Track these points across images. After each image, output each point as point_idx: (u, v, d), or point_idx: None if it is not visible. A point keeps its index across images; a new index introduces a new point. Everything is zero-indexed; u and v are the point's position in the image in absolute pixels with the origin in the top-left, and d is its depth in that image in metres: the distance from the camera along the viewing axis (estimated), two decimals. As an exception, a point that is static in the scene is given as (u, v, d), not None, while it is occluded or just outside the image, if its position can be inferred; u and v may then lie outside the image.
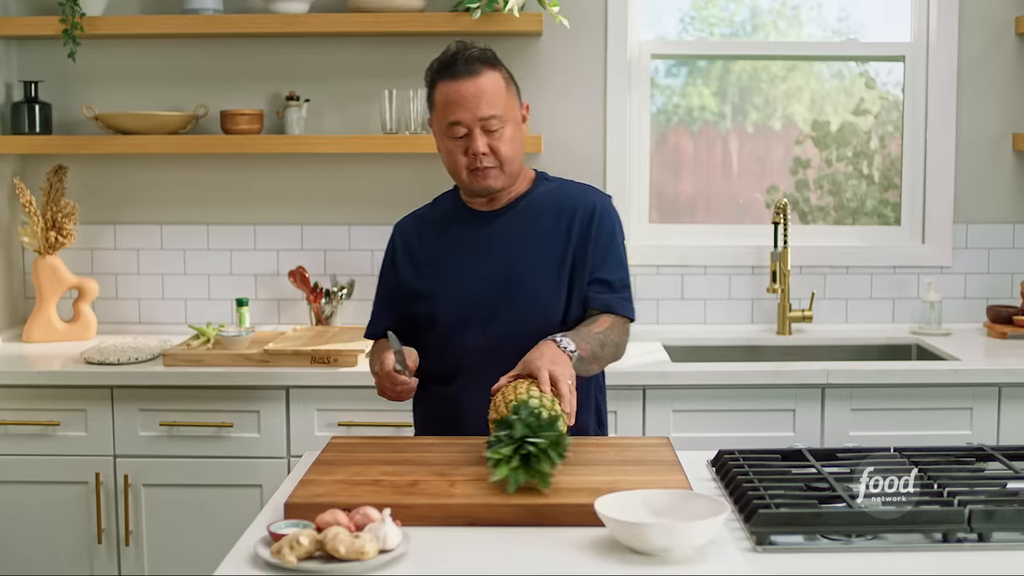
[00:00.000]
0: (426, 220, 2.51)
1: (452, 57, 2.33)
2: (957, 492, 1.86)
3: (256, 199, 3.69)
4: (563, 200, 2.43)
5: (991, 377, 3.11)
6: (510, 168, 2.36)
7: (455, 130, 2.32)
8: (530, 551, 1.73)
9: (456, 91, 2.30)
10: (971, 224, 3.71)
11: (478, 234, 2.41)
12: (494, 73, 2.33)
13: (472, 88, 2.29)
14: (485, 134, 2.31)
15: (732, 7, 3.81)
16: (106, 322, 3.69)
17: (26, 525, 3.15)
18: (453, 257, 2.42)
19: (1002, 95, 3.67)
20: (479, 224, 2.42)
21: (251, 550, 1.73)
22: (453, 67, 2.31)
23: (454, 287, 2.39)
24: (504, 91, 2.34)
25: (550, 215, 2.41)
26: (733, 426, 3.09)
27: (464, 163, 2.33)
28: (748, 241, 3.73)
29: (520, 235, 2.39)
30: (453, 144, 2.34)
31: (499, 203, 2.43)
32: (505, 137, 2.33)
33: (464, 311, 2.37)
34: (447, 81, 2.32)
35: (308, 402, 3.11)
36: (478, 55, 2.33)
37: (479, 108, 2.29)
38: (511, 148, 2.34)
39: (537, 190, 2.45)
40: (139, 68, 3.66)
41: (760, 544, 1.74)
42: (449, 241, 2.43)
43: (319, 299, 3.58)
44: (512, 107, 2.36)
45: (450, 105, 2.31)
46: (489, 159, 2.32)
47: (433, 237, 2.46)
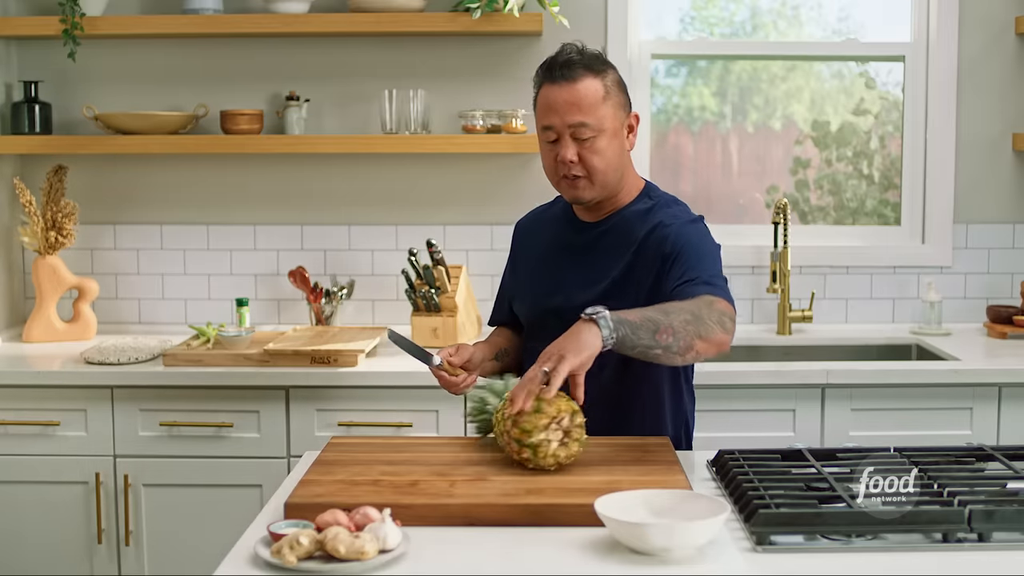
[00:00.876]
0: (539, 219, 2.55)
1: (554, 60, 2.28)
2: (957, 492, 1.86)
3: (256, 199, 3.69)
4: (651, 223, 2.31)
5: (991, 377, 3.11)
6: (602, 180, 2.28)
7: (547, 135, 2.28)
8: (530, 551, 1.73)
9: (551, 95, 2.25)
10: (971, 224, 3.71)
11: (567, 244, 2.41)
12: (594, 80, 2.25)
13: (566, 94, 2.24)
14: (575, 142, 2.25)
15: (732, 7, 3.81)
16: (106, 322, 3.69)
17: (26, 525, 3.15)
18: (543, 261, 2.43)
19: (1002, 95, 3.67)
20: (572, 233, 2.41)
21: (251, 550, 1.73)
22: (552, 70, 2.26)
23: (535, 291, 2.42)
24: (601, 99, 2.25)
25: (633, 240, 2.31)
26: (733, 426, 3.09)
27: (555, 169, 2.30)
28: (748, 241, 3.73)
29: (602, 251, 2.35)
30: (546, 148, 2.30)
31: (598, 214, 2.38)
32: (597, 147, 2.25)
33: (541, 318, 2.37)
34: (547, 84, 2.27)
35: (308, 402, 3.11)
36: (578, 60, 2.26)
37: (569, 114, 2.23)
38: (603, 160, 2.26)
39: (634, 206, 2.36)
40: (139, 68, 3.66)
41: (760, 544, 1.74)
42: (546, 245, 2.45)
43: (319, 299, 3.58)
44: (610, 117, 2.26)
45: (545, 109, 2.27)
46: (577, 168, 2.26)
47: (538, 236, 2.50)
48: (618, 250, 2.33)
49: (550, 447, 1.97)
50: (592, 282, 2.33)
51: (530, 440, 1.96)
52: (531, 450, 1.96)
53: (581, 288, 2.33)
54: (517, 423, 1.97)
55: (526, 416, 1.96)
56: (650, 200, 2.38)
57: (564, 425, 1.98)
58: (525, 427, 1.96)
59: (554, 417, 1.97)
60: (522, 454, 1.97)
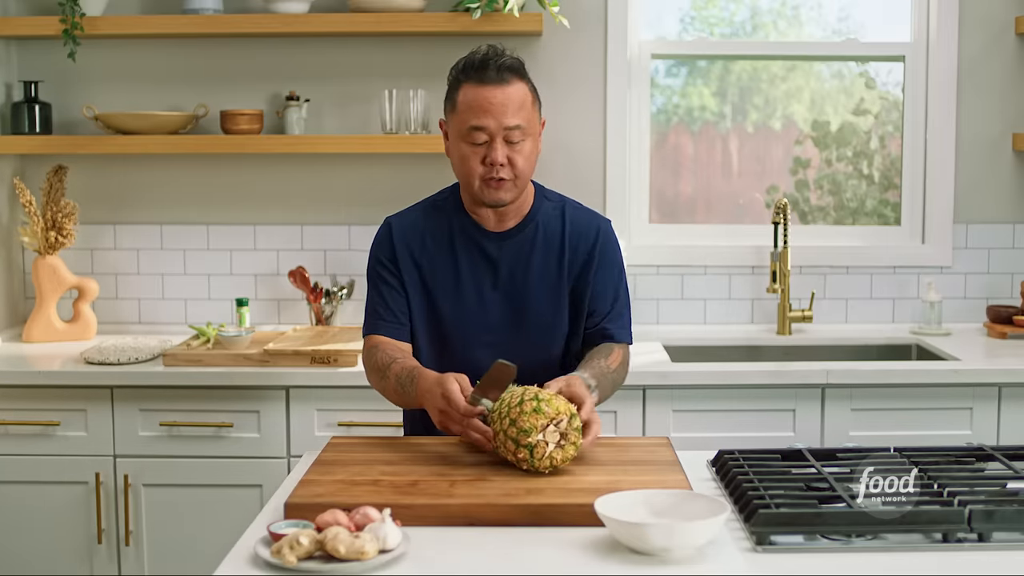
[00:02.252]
0: (426, 222, 2.42)
1: (483, 61, 2.26)
2: (957, 492, 1.86)
3: (256, 199, 3.69)
4: (569, 226, 2.39)
5: (991, 377, 3.11)
6: (523, 182, 2.31)
7: (476, 136, 2.26)
8: (530, 551, 1.73)
9: (484, 97, 2.24)
10: (971, 224, 3.71)
11: (486, 255, 2.38)
12: (522, 84, 2.28)
13: (501, 96, 2.24)
14: (506, 145, 2.26)
15: (732, 7, 3.81)
16: (106, 322, 3.69)
17: (26, 525, 3.15)
18: (459, 276, 2.38)
19: (1002, 95, 3.67)
20: (489, 247, 2.38)
21: (251, 550, 1.73)
22: (484, 71, 2.25)
23: (461, 308, 2.37)
24: (530, 104, 2.29)
25: (556, 242, 2.38)
26: (733, 426, 3.09)
27: (480, 172, 2.27)
28: (748, 241, 3.73)
29: (529, 261, 2.37)
30: (470, 150, 2.27)
31: (506, 222, 2.38)
32: (524, 150, 2.28)
33: (473, 333, 2.36)
34: (475, 84, 2.25)
35: (308, 402, 3.11)
36: (510, 64, 2.27)
37: (506, 117, 2.24)
38: (527, 162, 2.29)
39: (542, 209, 2.40)
40: (139, 68, 3.66)
41: (760, 544, 1.74)
42: (455, 257, 2.38)
43: (319, 299, 3.58)
44: (534, 121, 2.30)
45: (475, 110, 2.25)
46: (506, 171, 2.26)
47: (435, 245, 2.39)
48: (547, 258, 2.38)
49: (547, 449, 1.97)
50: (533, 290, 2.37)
51: (528, 440, 1.96)
52: (528, 451, 1.96)
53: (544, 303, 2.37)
54: (516, 423, 1.97)
55: (525, 416, 1.96)
56: (550, 200, 2.44)
57: (562, 428, 1.98)
58: (524, 427, 1.96)
59: (553, 418, 1.98)
60: (519, 454, 1.97)
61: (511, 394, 2.03)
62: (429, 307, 2.39)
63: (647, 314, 3.67)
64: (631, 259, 3.63)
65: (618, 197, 3.65)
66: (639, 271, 3.66)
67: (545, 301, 2.37)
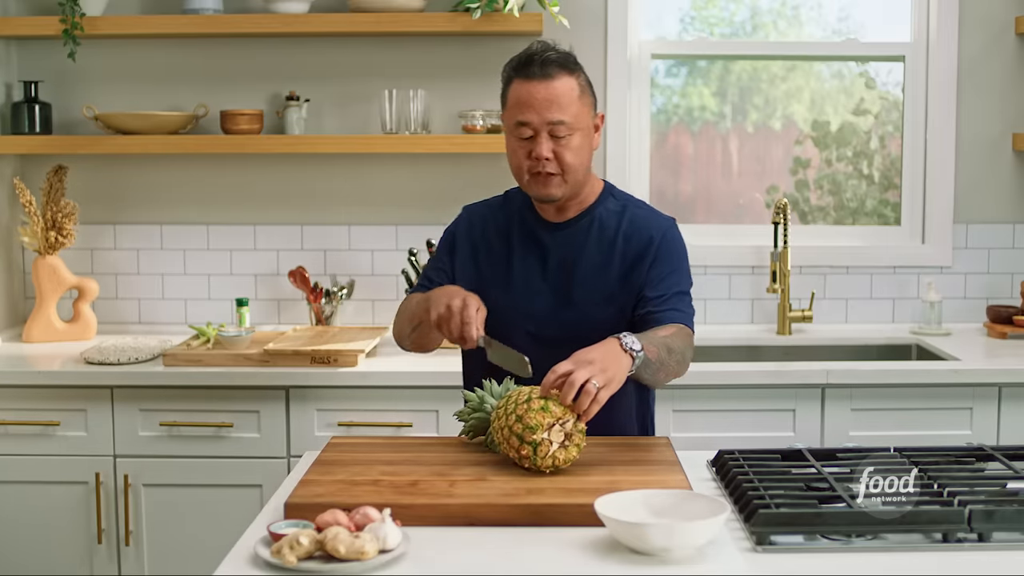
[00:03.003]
0: (493, 213, 2.46)
1: (529, 57, 2.28)
2: (957, 492, 1.86)
3: (256, 199, 3.69)
4: (627, 222, 2.37)
5: (991, 377, 3.11)
6: (573, 177, 2.30)
7: (522, 131, 2.27)
8: (530, 551, 1.73)
9: (528, 92, 2.25)
10: (971, 224, 3.71)
11: (539, 244, 2.39)
12: (570, 78, 2.27)
13: (544, 91, 2.25)
14: (551, 139, 2.26)
15: (732, 7, 3.81)
16: (106, 322, 3.69)
17: (26, 525, 3.15)
18: (512, 262, 2.39)
19: (1002, 95, 3.67)
20: (542, 233, 2.39)
21: (251, 550, 1.73)
22: (529, 67, 2.26)
23: (509, 294, 2.37)
24: (577, 98, 2.28)
25: (610, 236, 2.37)
26: (733, 426, 3.09)
27: (527, 166, 2.29)
28: (748, 241, 3.73)
29: (580, 252, 2.36)
30: (518, 144, 2.29)
31: (566, 214, 2.38)
32: (572, 145, 2.27)
33: (517, 320, 2.36)
34: (521, 80, 2.27)
35: (308, 402, 3.11)
36: (556, 58, 2.27)
37: (549, 112, 2.24)
38: (576, 157, 2.28)
39: (602, 206, 2.40)
40: (139, 68, 3.66)
41: (760, 544, 1.74)
42: (510, 246, 2.40)
43: (319, 299, 3.58)
44: (584, 116, 2.29)
45: (520, 105, 2.26)
46: (552, 165, 2.27)
47: (496, 235, 2.43)
48: (601, 250, 2.36)
49: (550, 448, 1.97)
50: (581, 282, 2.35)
51: (533, 438, 1.96)
52: (532, 448, 1.96)
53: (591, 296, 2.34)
54: (522, 419, 1.97)
55: (532, 413, 1.96)
56: (616, 199, 2.43)
57: (567, 428, 1.98)
58: (530, 424, 1.96)
59: (559, 418, 1.98)
60: (522, 451, 1.97)
61: (519, 391, 2.04)
62: (479, 293, 2.36)
63: (647, 314, 3.67)
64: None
65: (618, 197, 3.64)
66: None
67: (592, 294, 2.34)
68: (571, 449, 1.99)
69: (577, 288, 2.36)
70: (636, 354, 2.08)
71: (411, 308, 2.37)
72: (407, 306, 2.41)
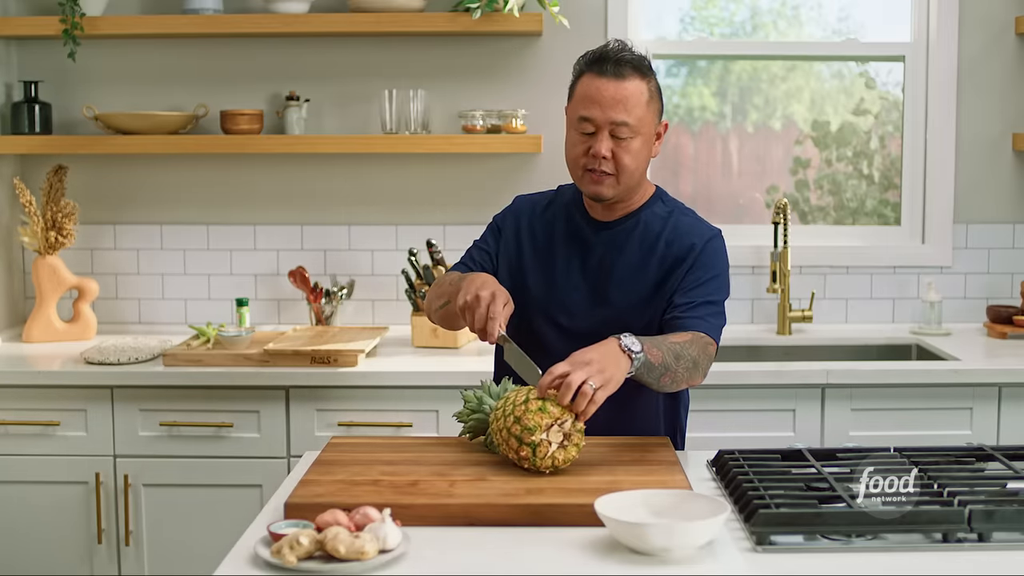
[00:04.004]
0: (542, 208, 2.46)
1: (604, 53, 2.28)
2: (957, 492, 1.86)
3: (256, 199, 3.69)
4: (671, 228, 2.37)
5: (991, 377, 3.11)
6: (627, 180, 2.29)
7: (584, 126, 2.27)
8: (530, 551, 1.73)
9: (597, 88, 2.25)
10: (971, 224, 3.71)
11: (582, 241, 2.39)
12: (641, 82, 2.27)
13: (613, 90, 2.24)
14: (611, 139, 2.26)
15: (732, 7, 3.81)
16: (106, 322, 3.69)
17: (26, 525, 3.15)
18: (554, 255, 2.39)
19: (1002, 95, 3.67)
20: (587, 231, 2.39)
21: (251, 550, 1.73)
22: (603, 63, 2.26)
23: (545, 286, 2.37)
24: (645, 103, 2.27)
25: (652, 241, 2.36)
26: (733, 426, 3.09)
27: (583, 162, 2.29)
28: (748, 241, 3.73)
29: (620, 253, 2.36)
30: (578, 139, 2.29)
31: (613, 214, 2.38)
32: (631, 148, 2.26)
33: (551, 313, 2.36)
34: (593, 75, 2.27)
35: (308, 402, 3.11)
36: (630, 59, 2.27)
37: (614, 111, 2.24)
38: (634, 161, 2.27)
39: (649, 209, 2.39)
40: (139, 68, 3.66)
41: (760, 544, 1.74)
42: (553, 240, 2.41)
43: (319, 299, 3.58)
44: (648, 121, 2.28)
45: (587, 100, 2.26)
46: (608, 165, 2.26)
47: (542, 228, 2.43)
48: (642, 253, 2.35)
49: (550, 448, 1.97)
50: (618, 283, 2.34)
51: (532, 439, 1.96)
52: (531, 449, 1.96)
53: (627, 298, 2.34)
54: (521, 420, 1.97)
55: (530, 414, 1.96)
56: (665, 205, 2.42)
57: (566, 428, 1.98)
58: (528, 425, 1.96)
59: (557, 418, 1.98)
60: (521, 452, 1.97)
61: (517, 392, 2.04)
62: (518, 281, 2.39)
63: (647, 314, 3.67)
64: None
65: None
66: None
67: (628, 295, 2.34)
68: (570, 449, 1.99)
69: (614, 288, 2.35)
70: (635, 355, 2.05)
71: (445, 284, 2.36)
72: (443, 280, 2.40)
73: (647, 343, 2.10)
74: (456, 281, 2.29)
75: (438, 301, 2.37)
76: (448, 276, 2.40)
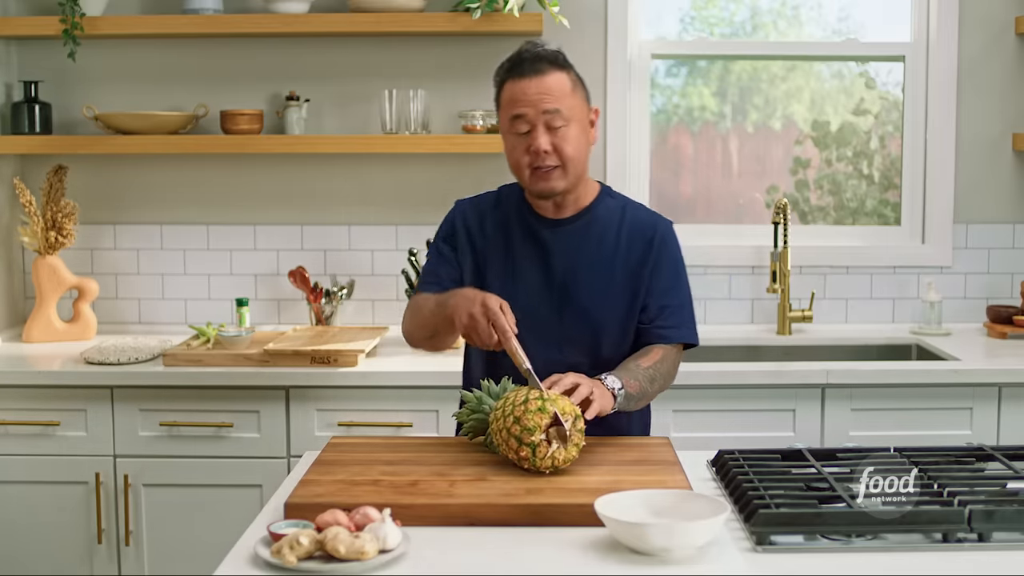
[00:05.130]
0: (489, 209, 2.46)
1: (520, 57, 2.32)
2: (957, 492, 1.86)
3: (256, 199, 3.69)
4: (627, 222, 2.40)
5: (991, 377, 3.11)
6: (573, 169, 2.31)
7: (518, 125, 2.29)
8: (530, 551, 1.73)
9: (521, 89, 2.28)
10: (971, 224, 3.71)
11: (540, 242, 2.39)
12: (560, 73, 2.30)
13: (537, 86, 2.27)
14: (548, 131, 2.27)
15: (732, 7, 3.81)
16: (106, 322, 3.69)
17: (26, 525, 3.15)
18: (512, 261, 2.39)
19: (1002, 95, 3.67)
20: (542, 231, 2.39)
21: (251, 550, 1.73)
22: (520, 66, 2.30)
23: (509, 291, 2.35)
24: (570, 91, 2.30)
25: (612, 235, 2.38)
26: (733, 426, 3.09)
27: (526, 162, 2.30)
28: (748, 241, 3.73)
29: (581, 251, 2.37)
30: (516, 141, 2.31)
31: (564, 212, 2.40)
32: (569, 136, 2.29)
33: (518, 317, 2.35)
34: (514, 79, 2.30)
35: (308, 402, 3.11)
36: (544, 54, 2.31)
37: (543, 103, 2.26)
38: (575, 149, 2.30)
39: (601, 205, 2.42)
40: (139, 68, 3.66)
41: (760, 544, 1.74)
42: (510, 242, 2.41)
43: (319, 299, 3.58)
44: (578, 108, 2.31)
45: (515, 102, 2.29)
46: (552, 158, 2.28)
47: (494, 230, 2.43)
48: (603, 249, 2.37)
49: (549, 448, 1.97)
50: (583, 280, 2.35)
51: (531, 439, 1.96)
52: (530, 449, 1.96)
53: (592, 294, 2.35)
54: (520, 421, 1.97)
55: (530, 414, 1.97)
56: (614, 199, 2.45)
57: (565, 428, 1.98)
58: (528, 426, 1.96)
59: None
60: (520, 452, 1.97)
61: (516, 392, 2.04)
62: (479, 284, 2.39)
63: (647, 314, 3.67)
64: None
65: (618, 197, 3.64)
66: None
67: (593, 293, 2.35)
68: (570, 449, 1.99)
69: (578, 286, 2.36)
70: (618, 392, 2.16)
71: (424, 314, 2.32)
72: (418, 308, 2.36)
73: (625, 376, 2.21)
74: (435, 309, 2.27)
75: (421, 332, 2.35)
76: (423, 302, 2.35)
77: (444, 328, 2.25)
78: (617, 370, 2.23)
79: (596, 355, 2.36)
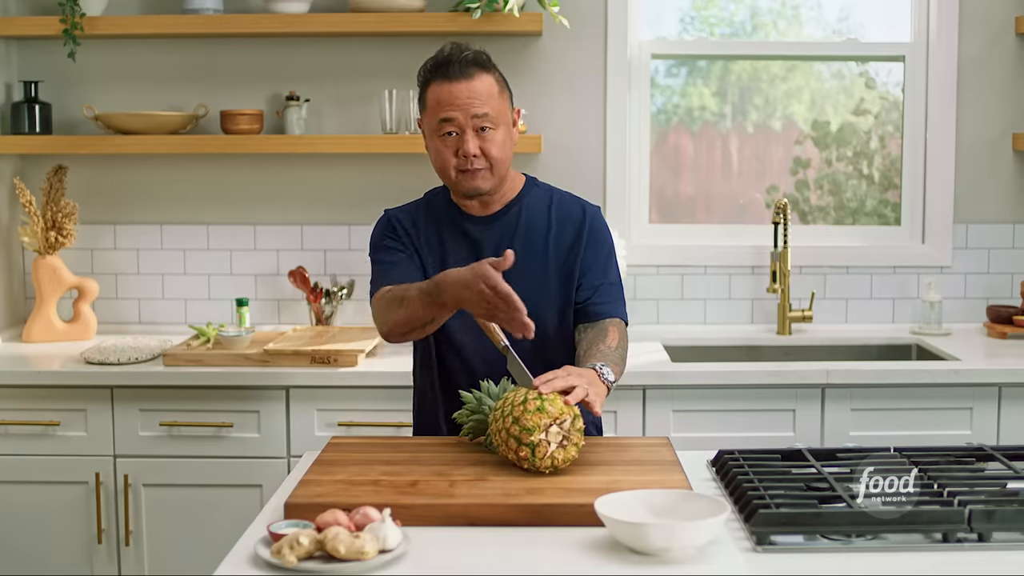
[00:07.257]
0: (421, 214, 2.48)
1: (447, 58, 2.33)
2: (957, 492, 1.86)
3: (256, 199, 3.69)
4: (556, 208, 2.44)
5: (991, 377, 3.11)
6: (499, 171, 2.36)
7: (447, 127, 2.31)
8: (530, 551, 1.73)
9: (449, 92, 2.30)
10: (971, 224, 3.71)
11: (471, 239, 2.41)
12: (487, 76, 2.34)
13: (465, 89, 2.30)
14: (476, 135, 2.31)
15: (732, 7, 3.81)
16: (106, 322, 3.69)
17: (26, 525, 3.15)
18: (447, 262, 2.40)
19: (1002, 95, 3.67)
20: (472, 230, 2.42)
21: (251, 550, 1.73)
22: (447, 68, 2.32)
23: None
24: (497, 94, 2.34)
25: (542, 221, 2.42)
26: (733, 426, 3.09)
27: (454, 163, 2.33)
28: (748, 241, 3.73)
29: (513, 242, 2.39)
30: (443, 143, 2.33)
31: (492, 208, 2.43)
32: (496, 139, 2.33)
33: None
34: (440, 82, 2.32)
35: (308, 402, 3.11)
36: (473, 57, 2.33)
37: (472, 107, 2.29)
38: (501, 151, 2.34)
39: (528, 196, 2.46)
40: (139, 68, 3.66)
41: (760, 544, 1.74)
42: (443, 243, 2.43)
43: (319, 299, 3.58)
44: (504, 110, 2.36)
45: (442, 104, 2.31)
46: (480, 161, 2.32)
47: (427, 233, 2.45)
48: (534, 237, 2.40)
49: (549, 448, 1.97)
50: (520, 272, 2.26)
51: (530, 439, 1.96)
52: (530, 449, 1.96)
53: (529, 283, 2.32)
54: (519, 421, 1.97)
55: (529, 414, 1.97)
56: (540, 189, 2.49)
57: (565, 428, 1.98)
58: (527, 426, 1.96)
59: (556, 418, 1.98)
60: (520, 452, 1.97)
61: (515, 392, 2.04)
62: None
63: (647, 314, 3.67)
64: (631, 259, 3.63)
65: (618, 197, 3.65)
66: (639, 271, 3.66)
67: (530, 281, 2.36)
68: (570, 449, 1.99)
69: (515, 276, 2.24)
70: (610, 385, 2.19)
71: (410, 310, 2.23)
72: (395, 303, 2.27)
73: (610, 364, 2.23)
74: (415, 297, 2.20)
75: (407, 325, 2.26)
76: (399, 293, 2.26)
77: (440, 316, 2.21)
78: (593, 357, 2.24)
79: (539, 340, 2.25)
